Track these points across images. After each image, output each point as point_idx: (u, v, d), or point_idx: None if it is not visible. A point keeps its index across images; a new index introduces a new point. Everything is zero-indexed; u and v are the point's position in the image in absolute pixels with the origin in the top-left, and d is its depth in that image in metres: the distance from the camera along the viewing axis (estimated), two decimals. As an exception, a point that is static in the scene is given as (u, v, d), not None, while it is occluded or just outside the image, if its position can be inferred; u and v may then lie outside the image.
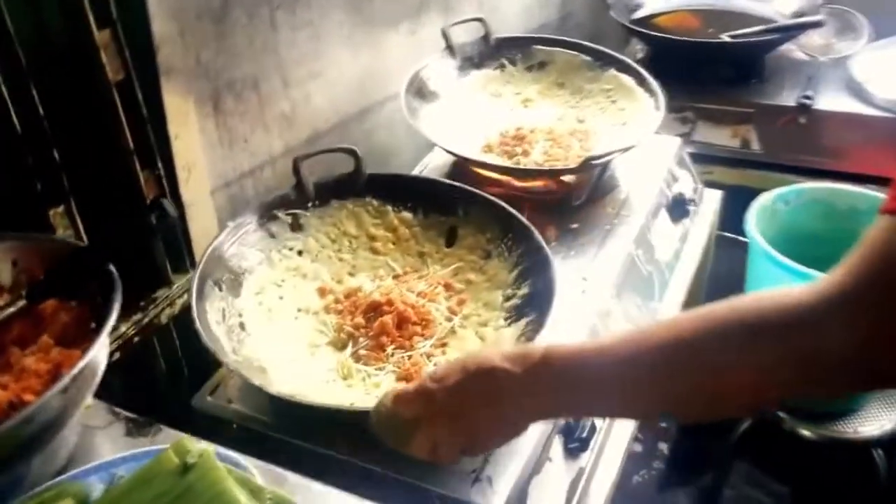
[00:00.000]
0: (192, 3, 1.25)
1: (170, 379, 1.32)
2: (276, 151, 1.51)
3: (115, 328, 1.21)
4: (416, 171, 1.61)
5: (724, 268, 1.83)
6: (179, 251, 1.31)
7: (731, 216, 1.79)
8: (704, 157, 1.93)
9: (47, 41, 1.08)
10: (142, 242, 1.27)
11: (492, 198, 1.23)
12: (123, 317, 1.24)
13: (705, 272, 1.83)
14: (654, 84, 1.56)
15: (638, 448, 2.08)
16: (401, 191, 1.28)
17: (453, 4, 1.88)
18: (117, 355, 1.21)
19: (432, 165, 1.61)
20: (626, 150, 1.38)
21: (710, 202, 1.70)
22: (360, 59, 1.67)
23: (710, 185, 1.79)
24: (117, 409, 0.97)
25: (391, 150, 1.76)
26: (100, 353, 0.86)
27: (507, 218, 1.20)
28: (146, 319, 1.26)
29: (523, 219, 1.18)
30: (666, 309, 1.41)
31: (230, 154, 1.41)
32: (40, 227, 1.08)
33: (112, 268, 0.92)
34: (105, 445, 0.92)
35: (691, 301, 1.80)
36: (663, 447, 2.09)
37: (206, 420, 1.07)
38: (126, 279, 1.24)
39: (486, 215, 1.23)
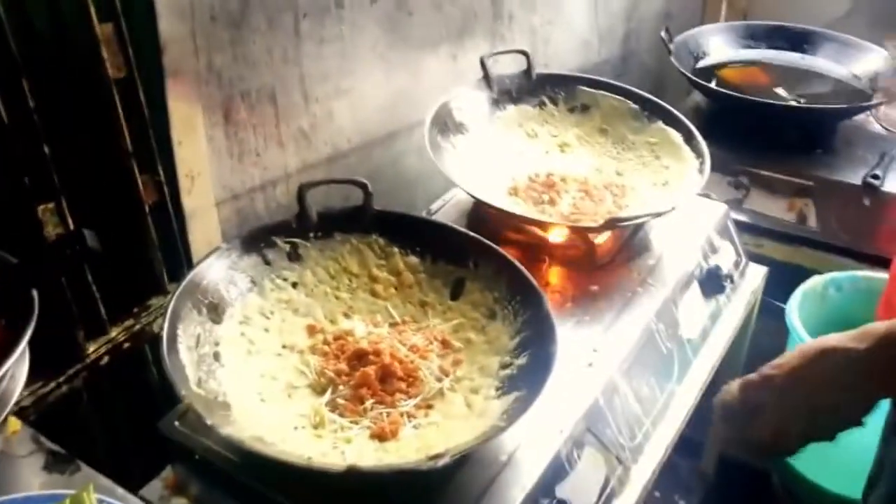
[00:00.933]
0: (206, 3, 1.27)
1: (162, 389, 1.34)
2: (291, 168, 1.53)
3: (105, 333, 1.25)
4: (441, 202, 1.62)
5: (766, 344, 1.81)
6: (178, 260, 1.34)
7: (777, 293, 1.77)
8: (755, 228, 1.91)
9: (44, 31, 1.11)
10: (138, 248, 1.30)
11: (505, 255, 1.23)
12: (115, 322, 1.28)
13: (740, 351, 1.81)
14: (702, 144, 1.56)
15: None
16: (410, 232, 1.29)
17: (502, 31, 1.90)
18: (106, 359, 1.25)
19: (458, 198, 1.61)
20: (658, 215, 1.38)
21: (753, 279, 1.68)
22: (393, 81, 1.69)
23: (758, 258, 1.76)
24: (42, 439, 0.98)
25: (419, 177, 1.77)
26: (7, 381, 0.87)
27: (519, 279, 1.20)
28: (138, 326, 1.29)
29: (535, 283, 1.18)
30: (685, 392, 1.39)
31: (240, 167, 1.43)
32: (28, 223, 1.11)
33: (34, 293, 0.92)
34: (21, 476, 0.94)
35: (721, 383, 1.78)
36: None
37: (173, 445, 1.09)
38: (121, 284, 1.28)
39: (497, 272, 1.23)
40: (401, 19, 1.66)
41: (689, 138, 1.60)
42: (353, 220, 1.28)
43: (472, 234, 1.28)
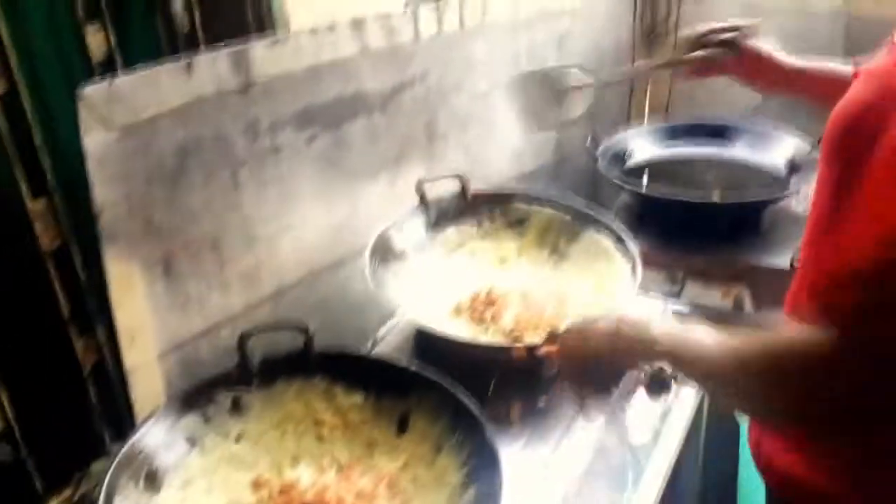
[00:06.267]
0: (142, 166, 1.20)
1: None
2: (236, 310, 1.44)
3: (43, 504, 1.14)
4: (387, 328, 1.53)
5: (722, 431, 1.72)
6: (121, 419, 1.24)
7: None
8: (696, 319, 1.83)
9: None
10: (77, 412, 1.20)
11: (447, 386, 1.15)
12: (53, 492, 1.16)
13: (697, 446, 1.72)
14: (633, 248, 1.49)
15: None
16: (353, 370, 1.21)
17: (437, 153, 1.84)
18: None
19: (405, 322, 1.53)
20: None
21: (698, 370, 1.59)
22: (335, 212, 1.61)
23: (702, 348, 1.68)
24: None
25: (367, 300, 1.67)
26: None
27: (461, 410, 1.12)
28: (77, 495, 1.18)
29: (476, 413, 1.10)
30: (641, 500, 1.29)
31: (183, 315, 1.34)
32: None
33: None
34: None
35: (679, 484, 1.68)
36: None
37: None
38: (61, 450, 1.18)
39: (440, 404, 1.15)
40: (338, 154, 1.59)
41: (619, 243, 1.53)
42: (296, 363, 1.20)
43: (412, 368, 1.20)
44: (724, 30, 1.43)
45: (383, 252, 1.49)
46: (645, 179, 2.11)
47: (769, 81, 1.42)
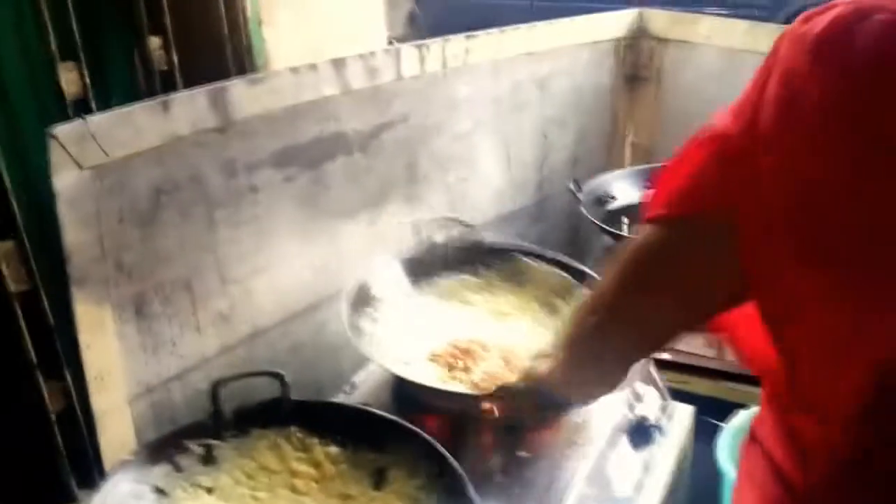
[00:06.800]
0: (115, 206, 1.17)
1: None
2: (210, 353, 1.41)
3: (0, 557, 1.09)
4: (364, 374, 1.49)
5: (703, 483, 1.69)
6: (89, 464, 1.20)
7: (709, 429, 1.67)
8: (679, 366, 1.81)
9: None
10: (43, 456, 1.16)
11: (426, 437, 1.12)
12: (14, 541, 1.11)
13: (679, 499, 1.69)
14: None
15: None
16: (329, 420, 1.17)
17: (418, 194, 1.82)
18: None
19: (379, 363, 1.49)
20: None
21: (681, 420, 1.56)
22: (313, 252, 1.59)
23: (684, 396, 1.66)
24: None
25: (344, 343, 1.64)
26: None
27: (441, 464, 1.08)
28: (39, 545, 1.13)
29: (457, 467, 1.06)
30: (623, 555, 1.26)
31: (154, 359, 1.30)
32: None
33: None
34: None
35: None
36: None
37: None
38: (26, 496, 1.13)
39: (418, 457, 1.11)
40: (317, 193, 1.57)
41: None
42: (271, 413, 1.16)
43: (391, 417, 1.16)
44: None
45: (362, 297, 1.46)
46: (626, 222, 2.10)
47: None
